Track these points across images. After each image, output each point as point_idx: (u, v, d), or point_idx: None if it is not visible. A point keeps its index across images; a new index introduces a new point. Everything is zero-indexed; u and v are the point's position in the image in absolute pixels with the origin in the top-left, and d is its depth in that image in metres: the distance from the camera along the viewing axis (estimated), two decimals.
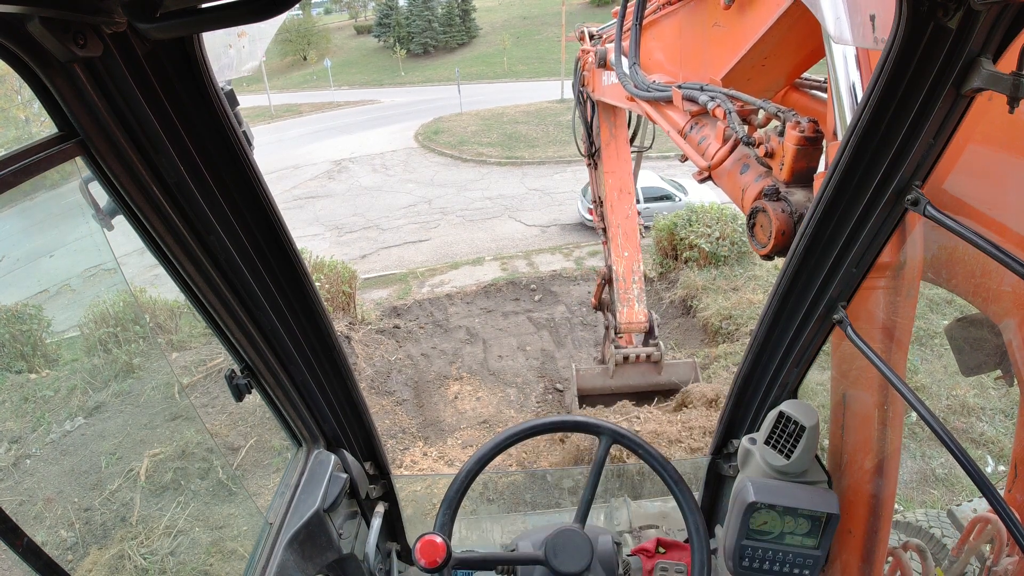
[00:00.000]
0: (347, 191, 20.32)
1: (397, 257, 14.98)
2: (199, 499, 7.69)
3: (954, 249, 1.45)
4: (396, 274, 13.81)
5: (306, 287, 1.59)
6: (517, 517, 4.30)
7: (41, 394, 8.13)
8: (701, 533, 1.55)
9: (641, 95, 3.36)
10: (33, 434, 7.45)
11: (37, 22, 0.88)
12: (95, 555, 6.10)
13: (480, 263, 13.98)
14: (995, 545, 2.28)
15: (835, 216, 1.41)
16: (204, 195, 1.28)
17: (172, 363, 9.79)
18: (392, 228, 16.79)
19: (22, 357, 8.43)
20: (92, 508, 6.61)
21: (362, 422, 1.99)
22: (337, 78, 39.95)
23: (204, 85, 1.19)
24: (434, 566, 1.30)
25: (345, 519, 1.89)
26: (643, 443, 1.63)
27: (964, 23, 1.03)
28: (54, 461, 7.05)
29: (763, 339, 1.73)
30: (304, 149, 25.48)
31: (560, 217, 16.48)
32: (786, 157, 2.06)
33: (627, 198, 7.08)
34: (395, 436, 8.52)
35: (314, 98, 36.68)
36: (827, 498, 1.56)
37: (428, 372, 9.98)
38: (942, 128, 1.18)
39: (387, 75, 42.47)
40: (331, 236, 16.37)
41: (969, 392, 7.11)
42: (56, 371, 8.13)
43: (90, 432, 7.46)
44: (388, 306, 12.04)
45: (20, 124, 4.73)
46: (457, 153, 23.15)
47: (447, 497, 1.53)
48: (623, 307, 7.18)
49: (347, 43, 50.99)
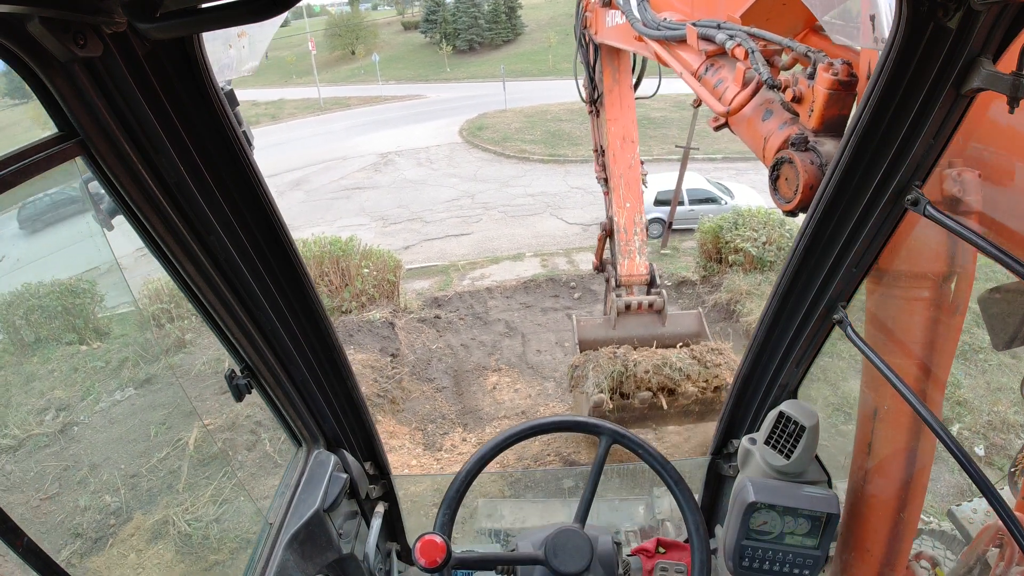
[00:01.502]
0: (392, 183, 20.61)
1: (439, 249, 15.15)
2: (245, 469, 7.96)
3: None
4: (438, 266, 13.98)
5: (306, 287, 1.59)
6: (556, 503, 4.31)
7: (92, 365, 8.36)
8: (701, 533, 1.54)
9: (651, 34, 3.15)
10: (82, 402, 7.69)
11: (37, 22, 0.87)
12: (139, 519, 6.30)
13: (520, 259, 14.04)
14: (1005, 552, 2.21)
15: (835, 216, 1.41)
16: (204, 195, 1.28)
17: None
18: (435, 221, 16.98)
19: (74, 329, 8.68)
20: (139, 475, 6.86)
21: (362, 422, 1.98)
22: (384, 73, 40.49)
23: (204, 85, 1.19)
24: (434, 566, 1.29)
25: (345, 519, 1.88)
26: (643, 443, 1.63)
27: (964, 23, 1.03)
28: (102, 429, 7.32)
29: (763, 339, 1.73)
30: (352, 141, 25.99)
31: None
32: (816, 102, 1.89)
33: (630, 147, 6.85)
34: (435, 421, 8.66)
35: (362, 92, 37.17)
36: (827, 498, 1.55)
37: (467, 362, 10.10)
38: (942, 128, 1.18)
39: (433, 71, 42.85)
40: (376, 227, 16.62)
41: (1010, 408, 6.98)
42: (107, 344, 8.39)
43: (140, 402, 7.67)
44: (429, 296, 12.23)
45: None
46: (500, 149, 23.24)
47: (447, 497, 1.53)
48: (624, 259, 6.96)
49: (394, 38, 51.68)
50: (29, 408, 7.93)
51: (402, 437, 8.37)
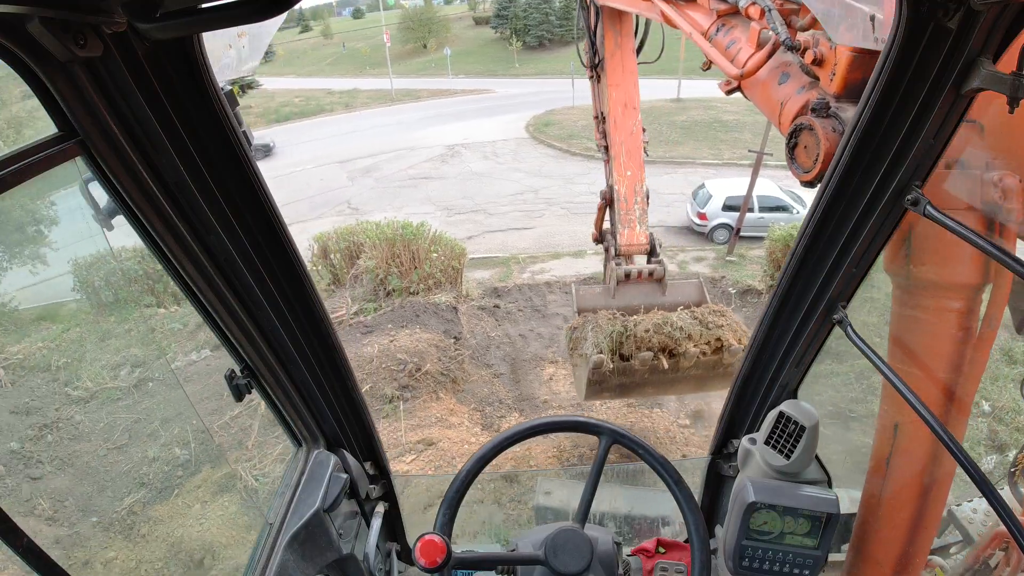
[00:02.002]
0: (458, 175, 21.01)
1: (500, 242, 15.37)
2: None
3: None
4: (499, 257, 14.19)
5: (306, 287, 1.59)
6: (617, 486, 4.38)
7: (169, 327, 8.91)
8: (701, 533, 1.53)
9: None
10: (157, 361, 8.10)
11: (37, 22, 0.87)
12: (207, 472, 6.57)
13: (581, 256, 14.10)
14: (1011, 555, 2.18)
15: (835, 216, 1.40)
16: (204, 195, 1.28)
17: None
18: (498, 214, 17.23)
19: (153, 292, 9.23)
20: (210, 431, 7.20)
21: (362, 422, 1.97)
22: (454, 67, 41.02)
23: (204, 85, 1.19)
24: (434, 566, 1.29)
25: (345, 519, 1.87)
26: (643, 443, 1.62)
27: (964, 23, 1.02)
28: (176, 387, 7.73)
29: (763, 339, 1.71)
30: (421, 133, 26.80)
31: (667, 219, 16.23)
32: (839, 65, 1.79)
33: (631, 113, 6.67)
34: (492, 404, 8.93)
35: (432, 84, 38.27)
36: (827, 498, 1.54)
37: (525, 352, 10.30)
38: (942, 128, 1.17)
39: (502, 66, 43.13)
40: (441, 216, 16.94)
41: None
42: (185, 308, 8.72)
43: (215, 364, 8.07)
44: (489, 286, 12.49)
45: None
46: (566, 146, 23.29)
47: (447, 497, 1.52)
48: (624, 228, 6.76)
49: (465, 33, 52.34)
50: (103, 364, 8.34)
51: (461, 415, 8.68)
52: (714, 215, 14.73)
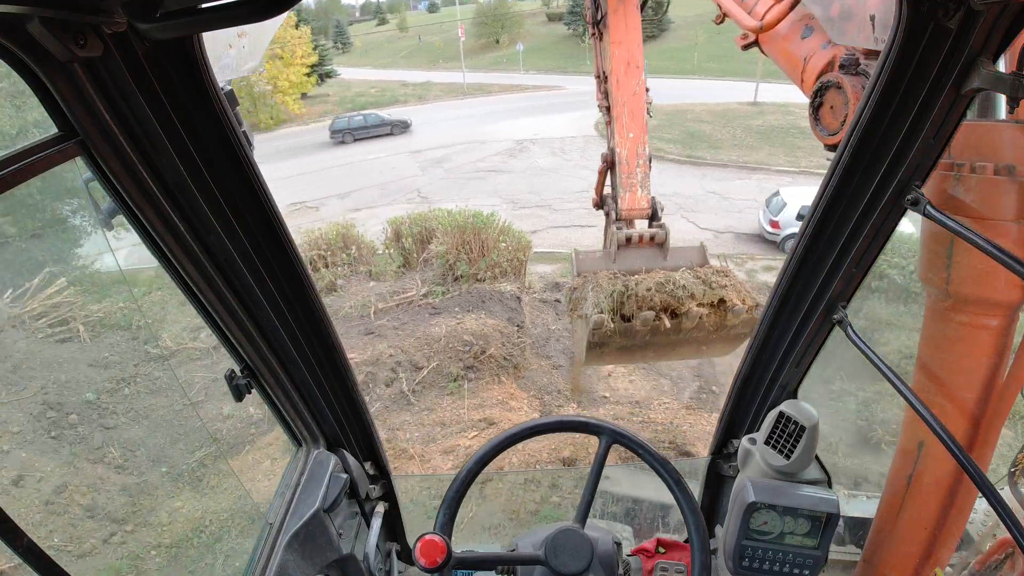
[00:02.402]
0: (525, 169, 21.18)
1: (564, 238, 15.43)
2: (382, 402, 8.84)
3: None
4: (562, 252, 14.25)
5: (306, 287, 1.59)
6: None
7: None
8: (701, 533, 1.52)
9: None
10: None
11: (37, 22, 0.87)
12: (278, 431, 6.82)
13: None
14: (1016, 561, 2.17)
15: (835, 216, 1.40)
16: (204, 195, 1.28)
17: (370, 291, 11.25)
18: (563, 210, 17.28)
19: None
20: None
21: (362, 422, 1.97)
22: (526, 62, 41.14)
23: (204, 85, 1.19)
24: (434, 566, 1.29)
25: (345, 519, 1.87)
26: (643, 443, 1.62)
27: (964, 23, 1.02)
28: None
29: (763, 339, 1.71)
30: (491, 127, 27.20)
31: (736, 225, 15.89)
32: None
33: (635, 72, 6.48)
34: (551, 393, 9.13)
35: (503, 79, 38.69)
36: (827, 498, 1.54)
37: None
38: (942, 128, 1.17)
39: (573, 63, 42.71)
40: (506, 209, 17.08)
41: None
42: None
43: None
44: (551, 280, 12.65)
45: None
46: None
47: (447, 497, 1.52)
48: (625, 192, 6.58)
49: (538, 29, 52.42)
50: (184, 326, 9.00)
51: (521, 400, 8.91)
52: (787, 224, 14.27)
